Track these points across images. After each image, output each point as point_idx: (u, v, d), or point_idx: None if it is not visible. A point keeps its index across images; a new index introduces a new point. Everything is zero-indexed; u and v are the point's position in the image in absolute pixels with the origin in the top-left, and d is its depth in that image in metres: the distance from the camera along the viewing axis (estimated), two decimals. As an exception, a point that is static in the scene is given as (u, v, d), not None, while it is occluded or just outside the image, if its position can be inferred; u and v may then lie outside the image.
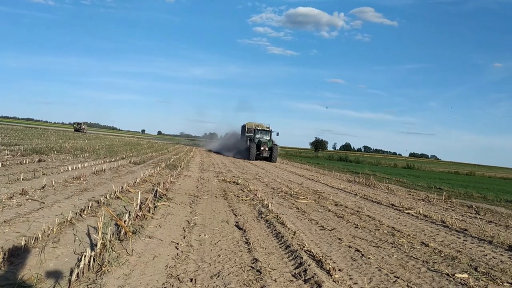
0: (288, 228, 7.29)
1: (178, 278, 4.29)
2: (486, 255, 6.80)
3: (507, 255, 6.92)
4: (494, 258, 6.67)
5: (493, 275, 5.53)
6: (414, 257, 6.23)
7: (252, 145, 36.43)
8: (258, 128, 38.89)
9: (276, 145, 38.02)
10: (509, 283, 5.26)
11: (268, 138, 38.07)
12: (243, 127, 44.37)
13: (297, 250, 5.75)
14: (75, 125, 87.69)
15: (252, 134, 39.39)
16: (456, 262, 6.14)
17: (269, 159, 36.39)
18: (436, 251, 6.75)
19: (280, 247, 6.04)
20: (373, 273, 5.22)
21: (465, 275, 5.40)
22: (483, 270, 5.75)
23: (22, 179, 9.64)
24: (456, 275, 5.39)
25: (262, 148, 36.37)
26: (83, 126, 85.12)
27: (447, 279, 5.21)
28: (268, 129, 39.05)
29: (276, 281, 4.50)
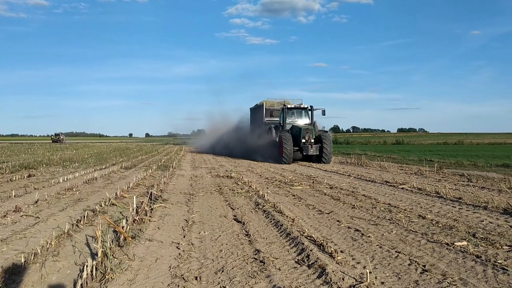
0: (286, 216, 7.32)
1: (183, 278, 4.29)
2: (483, 221, 6.91)
3: (503, 219, 7.04)
4: (491, 223, 6.78)
5: (491, 240, 5.62)
6: (413, 231, 6.30)
7: (285, 138, 21.54)
8: (289, 107, 24.28)
9: (326, 131, 23.51)
10: (508, 245, 5.35)
11: (309, 123, 23.81)
12: (256, 109, 30.59)
13: (298, 236, 5.78)
14: (52, 136, 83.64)
15: (278, 119, 25.56)
16: (454, 231, 6.23)
17: (319, 158, 21.70)
18: (433, 222, 6.84)
19: (281, 236, 6.06)
20: (375, 250, 5.27)
21: (464, 243, 5.48)
22: (481, 236, 5.84)
23: (14, 196, 9.53)
24: (455, 243, 5.47)
25: (304, 141, 21.82)
26: (62, 137, 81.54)
27: (447, 249, 5.28)
28: (306, 107, 24.31)
29: (280, 270, 4.52)
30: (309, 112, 24.35)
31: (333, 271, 4.27)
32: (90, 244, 5.47)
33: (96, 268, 4.28)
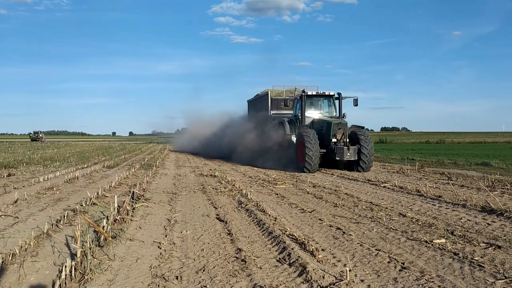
0: (269, 215, 7.34)
1: (164, 277, 4.27)
2: (461, 219, 7.03)
3: (481, 216, 7.18)
4: (469, 220, 6.91)
5: (469, 237, 5.72)
6: (393, 229, 6.38)
7: (309, 136, 15.73)
8: (310, 93, 17.94)
9: (363, 128, 17.12)
10: (485, 243, 5.46)
11: (335, 116, 18.09)
12: (258, 101, 24.65)
13: (280, 235, 5.81)
14: (31, 135, 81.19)
15: (287, 111, 20.54)
16: (433, 228, 6.33)
17: (356, 164, 16.02)
18: (413, 220, 6.93)
19: (263, 234, 6.08)
20: (355, 249, 5.33)
21: (443, 240, 5.58)
22: (459, 233, 5.94)
23: (-8, 196, 9.35)
24: (434, 241, 5.56)
25: (335, 140, 16.32)
26: (41, 135, 79.31)
27: (426, 246, 5.37)
28: (333, 94, 18.14)
29: (261, 268, 4.53)
30: (336, 102, 18.18)
31: (313, 270, 4.30)
32: (70, 244, 5.40)
33: (75, 268, 4.23)
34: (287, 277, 4.25)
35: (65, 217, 6.92)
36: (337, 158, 15.90)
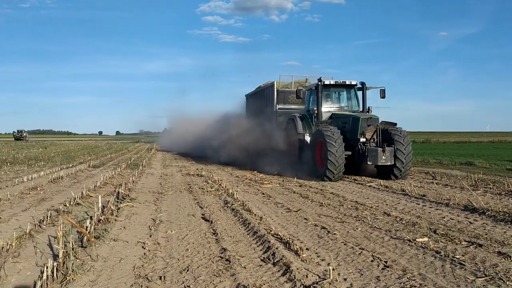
0: (255, 214, 7.35)
1: (147, 278, 4.25)
2: (444, 218, 7.13)
3: (463, 215, 7.28)
4: (452, 219, 7.00)
5: (451, 236, 5.80)
6: (377, 228, 6.44)
7: (332, 135, 12.58)
8: (327, 83, 14.69)
9: (395, 124, 13.76)
10: (466, 241, 5.54)
11: (357, 110, 14.97)
12: (260, 94, 20.56)
13: (265, 234, 5.81)
14: (15, 134, 79.68)
15: (306, 106, 15.92)
16: (417, 227, 6.40)
17: (389, 171, 12.89)
18: (397, 219, 7.00)
19: (248, 234, 6.08)
20: (339, 248, 5.36)
21: (425, 239, 5.64)
22: (442, 232, 6.02)
23: (-26, 196, 9.20)
24: (417, 239, 5.62)
25: (364, 140, 13.07)
26: (25, 134, 77.78)
27: (408, 245, 5.43)
28: (355, 84, 15.08)
29: (245, 268, 4.54)
30: (358, 94, 15.07)
31: (297, 269, 4.32)
32: (53, 245, 5.34)
33: (57, 269, 4.19)
34: (271, 277, 4.26)
35: (49, 218, 6.84)
36: (368, 163, 12.63)
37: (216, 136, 21.50)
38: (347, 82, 14.75)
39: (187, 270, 4.50)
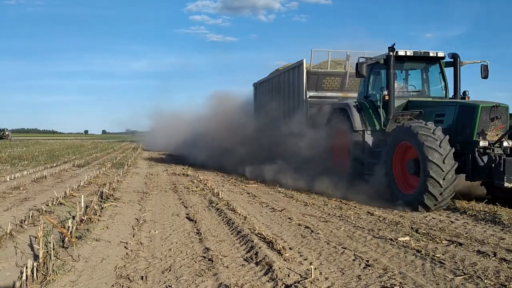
0: (239, 214, 7.35)
1: (128, 278, 4.23)
2: (426, 217, 7.22)
3: (445, 215, 7.40)
4: (434, 218, 7.10)
5: (432, 235, 5.88)
6: (360, 227, 6.50)
7: (428, 134, 7.60)
8: (401, 54, 9.60)
9: None
10: (447, 240, 5.62)
11: (448, 96, 10.27)
12: (280, 79, 15.30)
13: (248, 234, 5.82)
14: None
15: (363, 89, 10.73)
16: (399, 226, 6.48)
17: None
18: (381, 219, 7.08)
19: (232, 234, 6.09)
20: (322, 247, 5.40)
21: (407, 238, 5.71)
22: (424, 231, 6.10)
23: (-46, 195, 9.04)
24: (398, 238, 5.69)
25: (485, 143, 7.82)
26: (7, 133, 76.21)
27: (390, 244, 5.49)
28: (442, 56, 10.07)
29: (228, 267, 4.54)
30: (443, 71, 10.48)
31: (279, 268, 4.33)
32: (34, 245, 5.28)
33: (37, 269, 4.14)
34: (253, 276, 4.27)
35: (30, 217, 6.75)
36: (506, 184, 7.46)
37: (211, 137, 17.92)
38: (432, 54, 9.97)
39: (169, 270, 4.49)
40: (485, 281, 4.08)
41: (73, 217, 6.47)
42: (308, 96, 13.10)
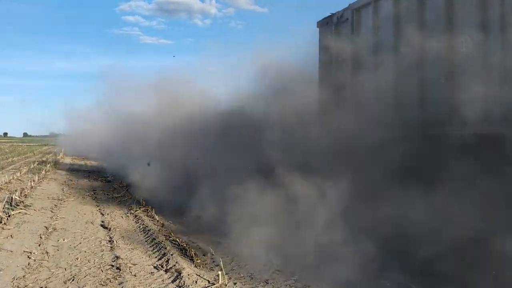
0: (157, 221, 7.23)
1: (26, 289, 4.01)
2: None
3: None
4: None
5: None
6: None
7: None
8: None
9: None
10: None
11: None
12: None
13: (163, 241, 5.74)
14: None
15: None
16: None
17: None
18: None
19: (146, 241, 5.97)
20: (236, 253, 5.44)
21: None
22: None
23: None
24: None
25: None
26: None
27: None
28: None
29: (136, 276, 4.45)
30: None
31: (188, 275, 4.32)
32: None
33: None
34: (160, 284, 4.23)
35: None
36: None
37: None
38: None
39: (72, 280, 4.31)
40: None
41: (-28, 226, 6.01)
42: None
